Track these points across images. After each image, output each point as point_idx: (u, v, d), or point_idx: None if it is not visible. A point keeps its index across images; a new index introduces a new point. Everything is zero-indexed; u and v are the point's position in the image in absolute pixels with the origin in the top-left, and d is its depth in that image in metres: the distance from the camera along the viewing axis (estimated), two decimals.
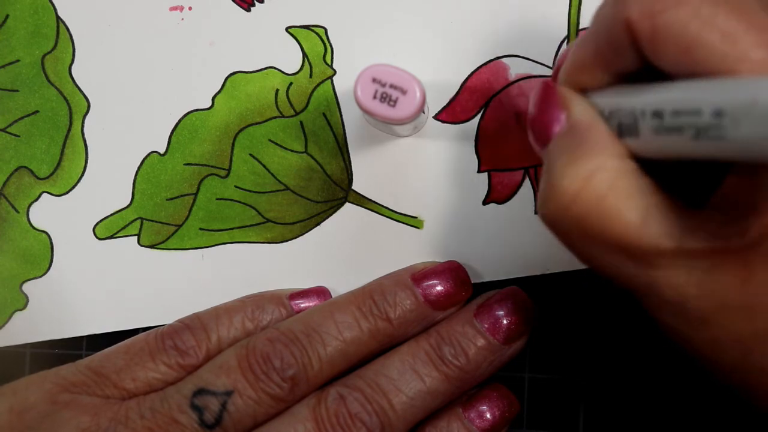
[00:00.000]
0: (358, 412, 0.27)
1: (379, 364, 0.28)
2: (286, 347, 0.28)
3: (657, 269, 0.20)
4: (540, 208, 0.22)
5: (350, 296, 0.29)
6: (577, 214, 0.21)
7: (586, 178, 0.21)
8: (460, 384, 0.28)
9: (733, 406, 0.31)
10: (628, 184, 0.21)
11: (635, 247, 0.20)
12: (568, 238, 0.22)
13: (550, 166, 0.22)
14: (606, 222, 0.20)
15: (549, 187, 0.21)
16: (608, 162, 0.21)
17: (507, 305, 0.29)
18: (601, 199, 0.21)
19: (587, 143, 0.21)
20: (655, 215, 0.20)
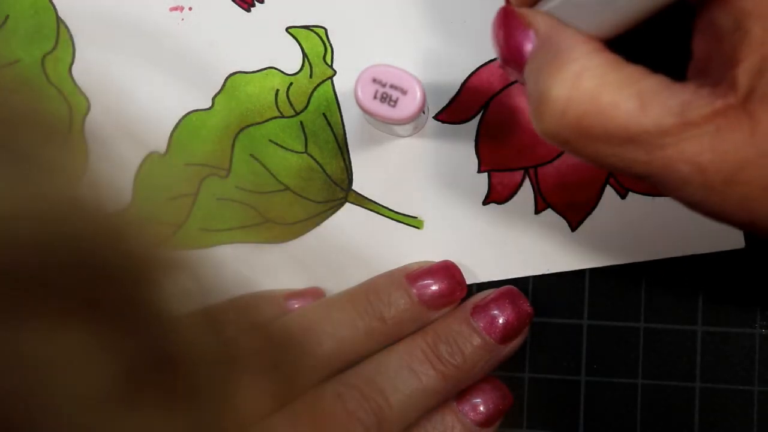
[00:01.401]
0: (355, 410, 0.27)
1: (376, 362, 0.28)
2: (282, 345, 0.28)
3: (667, 148, 0.20)
4: (537, 126, 0.22)
5: (345, 295, 0.30)
6: (574, 119, 0.21)
7: (574, 82, 0.21)
8: (456, 382, 0.29)
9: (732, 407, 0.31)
10: (616, 76, 0.21)
11: (640, 133, 0.20)
12: (573, 145, 0.22)
13: (535, 82, 0.22)
14: (605, 117, 0.21)
15: (540, 102, 0.21)
16: (590, 61, 0.21)
17: (503, 304, 0.29)
18: (594, 97, 0.21)
19: (563, 50, 0.21)
20: (651, 97, 0.20)
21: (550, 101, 0.21)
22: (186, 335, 0.17)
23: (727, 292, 0.31)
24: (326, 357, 0.28)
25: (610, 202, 0.31)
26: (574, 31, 0.22)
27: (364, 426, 0.27)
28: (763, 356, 0.31)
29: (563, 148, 0.22)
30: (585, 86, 0.21)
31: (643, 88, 0.20)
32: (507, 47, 0.23)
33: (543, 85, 0.21)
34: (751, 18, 0.20)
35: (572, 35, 0.22)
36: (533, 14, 0.23)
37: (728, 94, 0.20)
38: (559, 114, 0.21)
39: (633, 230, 0.31)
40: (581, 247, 0.31)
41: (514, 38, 0.23)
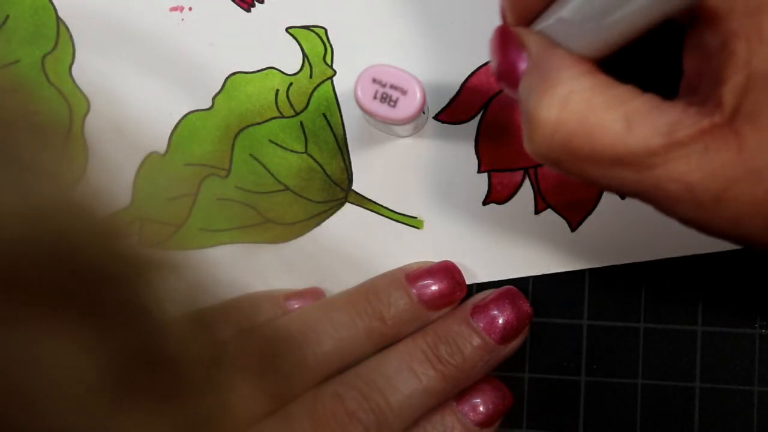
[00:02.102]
0: (355, 410, 0.27)
1: (376, 362, 0.28)
2: (282, 345, 0.28)
3: (656, 168, 0.20)
4: (528, 146, 0.22)
5: (345, 296, 0.30)
6: (563, 140, 0.21)
7: (562, 104, 0.21)
8: (456, 383, 0.29)
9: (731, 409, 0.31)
10: (604, 98, 0.21)
11: (628, 154, 0.20)
12: (563, 165, 0.22)
13: (526, 104, 0.22)
14: (593, 139, 0.21)
15: (530, 122, 0.22)
16: (577, 83, 0.21)
17: (502, 304, 0.29)
18: (582, 119, 0.21)
19: (552, 72, 0.22)
20: (639, 118, 0.20)
21: (540, 123, 0.21)
22: (176, 336, 0.17)
23: (727, 292, 0.31)
24: (326, 357, 0.28)
25: (610, 202, 0.31)
26: (564, 53, 0.22)
27: (364, 426, 0.27)
28: (763, 356, 0.31)
29: (554, 169, 0.22)
30: (573, 108, 0.21)
31: (630, 109, 0.21)
32: (502, 66, 0.24)
33: (533, 107, 0.22)
34: (737, 38, 0.20)
35: (562, 57, 0.22)
36: (527, 34, 0.23)
37: (714, 112, 0.20)
38: (548, 135, 0.21)
39: (633, 230, 0.31)
40: (581, 247, 0.31)
41: (508, 57, 0.23)
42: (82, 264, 0.15)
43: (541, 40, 0.23)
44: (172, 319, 0.17)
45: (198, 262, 0.32)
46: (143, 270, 0.17)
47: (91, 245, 0.16)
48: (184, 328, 0.17)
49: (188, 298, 0.18)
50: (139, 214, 0.32)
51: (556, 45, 0.22)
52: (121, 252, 0.17)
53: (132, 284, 0.16)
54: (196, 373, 0.17)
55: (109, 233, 0.16)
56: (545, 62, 0.22)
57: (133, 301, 0.16)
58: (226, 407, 0.27)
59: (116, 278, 0.16)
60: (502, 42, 0.24)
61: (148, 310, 0.16)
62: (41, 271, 0.14)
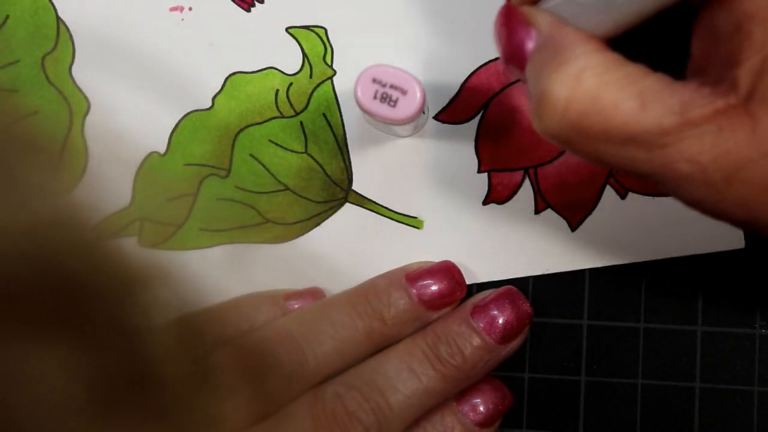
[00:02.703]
0: (355, 410, 0.27)
1: (376, 363, 0.28)
2: (281, 345, 0.28)
3: (668, 147, 0.20)
4: (538, 125, 0.22)
5: (345, 296, 0.30)
6: (575, 118, 0.21)
7: (574, 81, 0.21)
8: (456, 383, 0.29)
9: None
10: (617, 75, 0.21)
11: (641, 133, 0.20)
12: (573, 144, 0.22)
13: (536, 81, 0.22)
14: (606, 117, 0.21)
15: (540, 101, 0.21)
16: (590, 59, 0.21)
17: (503, 304, 0.29)
18: (595, 97, 0.21)
19: (564, 49, 0.21)
20: (652, 97, 0.20)
21: (551, 101, 0.21)
22: (161, 352, 0.17)
23: (727, 292, 0.31)
24: (326, 357, 0.28)
25: (610, 202, 0.31)
26: (575, 30, 0.22)
27: (364, 426, 0.27)
28: (763, 356, 0.31)
29: (564, 148, 0.22)
30: (585, 86, 0.21)
31: (643, 87, 0.20)
32: (508, 45, 0.23)
33: (543, 85, 0.21)
34: (753, 21, 0.20)
35: (573, 34, 0.22)
36: (534, 12, 0.23)
37: (729, 93, 0.20)
38: (559, 113, 0.21)
39: (633, 230, 0.31)
40: (581, 247, 0.31)
41: (515, 36, 0.23)
42: (65, 280, 0.15)
43: (551, 17, 0.22)
44: (160, 332, 0.17)
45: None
46: (129, 285, 0.17)
47: (75, 261, 0.16)
48: (170, 343, 0.17)
49: (176, 308, 0.18)
50: (139, 214, 0.32)
51: (565, 23, 0.22)
52: (106, 267, 0.16)
53: (117, 300, 0.16)
54: (180, 390, 0.17)
55: (95, 247, 0.16)
56: (556, 39, 0.22)
57: (118, 316, 0.16)
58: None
59: (101, 294, 0.16)
60: (509, 21, 0.23)
61: (133, 325, 0.16)
62: (23, 288, 0.14)
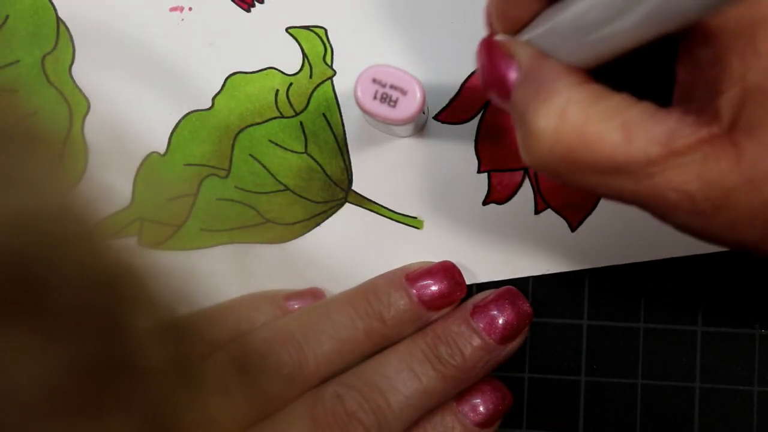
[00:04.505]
0: (355, 410, 0.27)
1: (376, 363, 0.29)
2: (282, 345, 0.28)
3: (655, 177, 0.21)
4: (526, 158, 0.22)
5: (345, 296, 0.30)
6: (562, 152, 0.21)
7: (559, 115, 0.21)
8: (456, 383, 0.29)
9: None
10: (601, 107, 0.21)
11: (627, 164, 0.21)
12: (563, 176, 0.22)
13: (521, 116, 0.22)
14: (592, 149, 0.21)
15: (527, 135, 0.22)
16: (573, 93, 0.21)
17: (502, 305, 0.29)
18: (580, 130, 0.21)
19: (547, 83, 0.22)
20: (636, 128, 0.21)
21: (538, 135, 0.21)
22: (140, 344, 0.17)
23: (727, 292, 0.31)
24: (326, 358, 0.28)
25: (610, 202, 0.31)
26: (557, 63, 0.22)
27: (364, 426, 0.27)
28: (763, 356, 0.31)
29: (553, 179, 0.23)
30: (571, 120, 0.21)
31: (627, 118, 0.21)
32: (491, 78, 0.23)
33: (530, 119, 0.22)
34: (731, 53, 0.20)
35: (555, 67, 0.22)
36: (515, 45, 0.23)
37: (713, 123, 0.20)
38: (547, 148, 0.21)
39: (633, 230, 0.31)
40: (581, 247, 0.31)
41: (497, 69, 0.23)
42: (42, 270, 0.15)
43: (531, 50, 0.23)
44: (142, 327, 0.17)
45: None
46: (114, 279, 0.17)
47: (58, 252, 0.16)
48: (150, 337, 0.17)
49: (164, 307, 0.18)
50: (139, 214, 0.32)
51: (547, 55, 0.22)
52: (91, 260, 0.16)
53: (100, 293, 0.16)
54: (157, 383, 0.17)
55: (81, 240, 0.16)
56: (538, 72, 0.22)
57: (99, 309, 0.16)
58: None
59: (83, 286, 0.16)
60: (490, 53, 0.24)
61: (114, 318, 0.16)
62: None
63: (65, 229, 0.16)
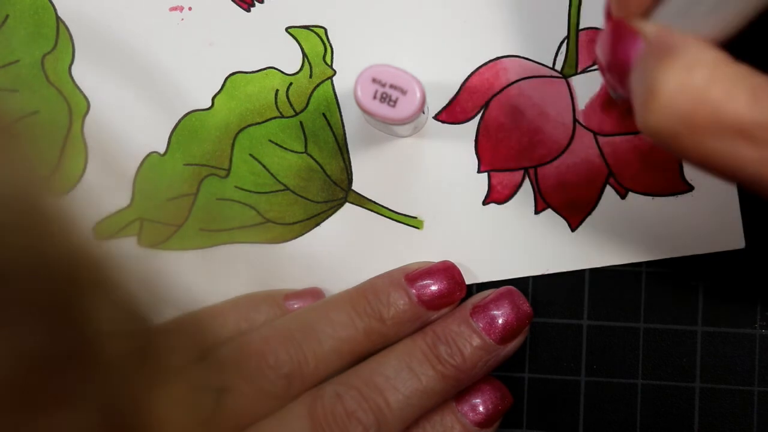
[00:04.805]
0: (355, 410, 0.27)
1: (376, 362, 0.28)
2: (281, 344, 0.28)
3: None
4: (644, 121, 0.21)
5: (344, 296, 0.30)
6: (684, 110, 0.20)
7: (685, 73, 0.20)
8: (456, 383, 0.29)
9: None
10: (728, 70, 0.20)
11: (754, 126, 0.20)
12: (680, 139, 0.21)
13: (644, 80, 0.21)
14: (716, 109, 0.20)
15: (648, 95, 0.21)
16: (702, 54, 0.21)
17: (502, 305, 0.29)
18: (706, 89, 0.20)
19: (674, 46, 0.21)
20: (765, 91, 0.20)
21: (660, 93, 0.21)
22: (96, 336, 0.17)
23: (727, 292, 0.31)
24: (326, 357, 0.28)
25: (610, 202, 0.31)
26: (683, 33, 0.22)
27: (364, 426, 0.27)
28: (763, 356, 0.31)
29: (669, 144, 0.21)
30: (697, 77, 0.20)
31: (755, 82, 0.20)
32: (613, 55, 0.23)
33: (652, 79, 0.21)
34: None
35: (682, 35, 0.21)
36: (641, 23, 0.23)
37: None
38: (669, 105, 0.21)
39: (633, 230, 0.31)
40: (581, 247, 0.31)
41: (621, 45, 0.23)
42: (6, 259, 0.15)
43: (657, 25, 0.22)
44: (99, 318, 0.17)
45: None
46: (66, 266, 0.16)
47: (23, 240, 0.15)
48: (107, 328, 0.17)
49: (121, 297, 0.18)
50: (139, 214, 0.32)
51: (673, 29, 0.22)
52: (39, 247, 0.16)
53: (48, 281, 0.16)
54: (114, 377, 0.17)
55: (28, 227, 0.16)
56: (665, 39, 0.22)
57: (47, 298, 0.16)
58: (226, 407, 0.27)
59: (29, 275, 0.16)
60: (616, 32, 0.23)
61: (64, 308, 0.16)
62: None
63: (17, 216, 0.16)
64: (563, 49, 0.31)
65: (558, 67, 0.31)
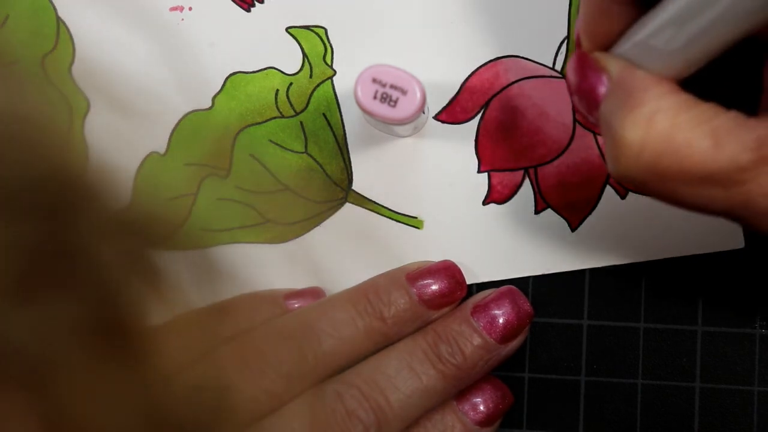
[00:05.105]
0: (355, 409, 0.27)
1: (376, 361, 0.28)
2: (282, 343, 0.28)
3: (746, 184, 0.20)
4: (613, 169, 0.22)
5: (345, 295, 0.30)
6: (650, 160, 0.21)
7: (647, 124, 0.21)
8: (456, 382, 0.29)
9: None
10: (689, 115, 0.21)
11: (717, 171, 0.20)
12: (650, 186, 0.22)
13: (609, 125, 0.22)
14: (680, 157, 0.21)
15: (614, 144, 0.22)
16: (662, 102, 0.21)
17: (503, 304, 0.29)
18: (668, 138, 0.21)
19: (635, 93, 0.22)
20: (726, 134, 0.20)
21: (625, 144, 0.21)
22: (90, 236, 0.17)
23: (727, 292, 0.31)
24: (326, 356, 0.28)
25: (610, 202, 0.31)
26: (646, 74, 0.22)
27: (364, 425, 0.27)
28: (763, 356, 0.31)
29: (641, 191, 0.22)
30: (658, 127, 0.21)
31: (716, 125, 0.21)
32: (581, 90, 0.24)
33: (617, 128, 0.22)
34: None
35: (644, 77, 0.22)
36: (606, 58, 0.23)
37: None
38: (634, 156, 0.21)
39: (633, 230, 0.31)
40: (581, 247, 0.31)
41: (587, 81, 0.23)
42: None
43: (621, 62, 0.23)
44: (92, 222, 0.17)
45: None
46: (60, 176, 0.16)
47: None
48: (101, 230, 0.17)
49: (113, 211, 0.18)
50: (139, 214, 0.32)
51: (636, 66, 0.22)
52: (33, 159, 0.16)
53: (42, 190, 0.16)
54: (107, 273, 0.17)
55: (23, 141, 0.16)
56: (627, 83, 0.22)
57: (42, 199, 0.16)
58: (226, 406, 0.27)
59: (24, 182, 0.16)
60: (581, 66, 0.24)
61: (60, 208, 0.16)
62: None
63: (14, 131, 0.16)
64: (563, 49, 0.31)
65: (558, 67, 0.31)
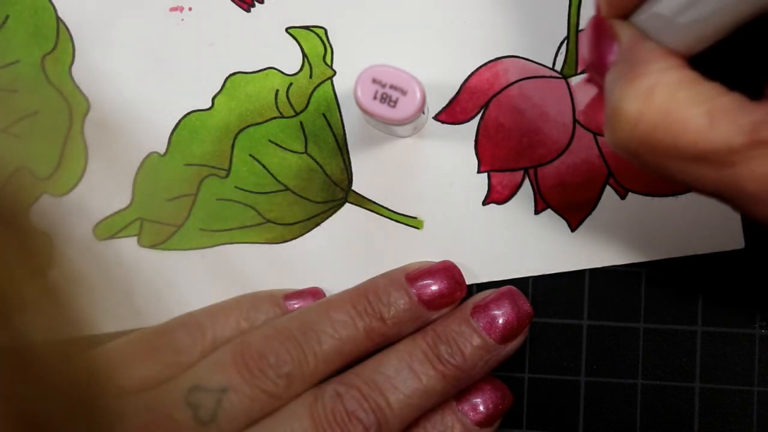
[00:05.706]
0: (355, 409, 0.27)
1: (376, 362, 0.28)
2: (282, 344, 0.28)
3: (735, 166, 0.20)
4: (608, 137, 0.22)
5: (345, 295, 0.30)
6: (644, 132, 0.21)
7: (645, 96, 0.21)
8: (456, 383, 0.29)
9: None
10: (689, 93, 0.21)
11: (708, 151, 0.21)
12: (642, 158, 0.22)
13: (611, 93, 0.22)
14: (674, 133, 0.21)
15: (612, 113, 0.22)
16: (663, 77, 0.21)
17: (503, 304, 0.29)
18: (665, 113, 0.21)
19: (639, 64, 0.22)
20: (722, 116, 0.20)
21: (622, 114, 0.21)
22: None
23: (727, 292, 0.31)
24: (326, 357, 0.28)
25: (610, 202, 0.31)
26: (654, 46, 0.22)
27: (364, 425, 0.27)
28: (763, 356, 0.31)
29: (633, 161, 0.22)
30: (657, 101, 0.21)
31: (715, 105, 0.21)
32: (592, 55, 0.24)
33: (617, 97, 0.22)
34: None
35: (651, 49, 0.22)
36: (619, 25, 0.23)
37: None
38: (630, 127, 0.21)
39: (633, 230, 0.31)
40: (581, 247, 0.31)
41: (599, 47, 0.23)
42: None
43: (633, 31, 0.23)
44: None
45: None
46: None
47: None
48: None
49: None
50: (139, 214, 0.32)
51: (648, 38, 0.22)
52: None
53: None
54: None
55: None
56: (634, 53, 0.22)
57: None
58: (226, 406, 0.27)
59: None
60: (596, 31, 0.24)
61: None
62: None
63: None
64: (563, 49, 0.31)
65: (558, 68, 0.31)
